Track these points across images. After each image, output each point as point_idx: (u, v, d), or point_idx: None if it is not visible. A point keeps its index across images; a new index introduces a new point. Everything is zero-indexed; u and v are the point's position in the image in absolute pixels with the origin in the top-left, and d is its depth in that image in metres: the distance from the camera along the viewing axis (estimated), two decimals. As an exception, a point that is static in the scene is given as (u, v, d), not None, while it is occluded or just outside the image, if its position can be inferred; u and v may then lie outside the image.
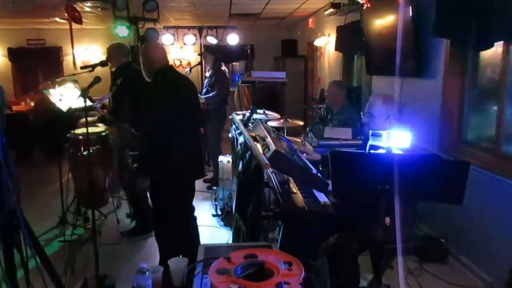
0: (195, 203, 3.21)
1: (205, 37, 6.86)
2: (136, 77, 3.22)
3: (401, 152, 1.95)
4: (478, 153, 3.31)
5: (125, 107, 3.65)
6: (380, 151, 2.07)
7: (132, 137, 3.62)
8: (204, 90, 5.40)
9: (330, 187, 2.22)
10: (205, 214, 4.49)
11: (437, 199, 2.01)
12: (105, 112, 4.00)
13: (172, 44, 7.03)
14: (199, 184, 3.29)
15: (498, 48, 3.06)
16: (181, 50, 9.61)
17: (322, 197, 2.47)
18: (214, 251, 1.76)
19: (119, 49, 3.91)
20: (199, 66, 6.34)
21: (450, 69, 3.52)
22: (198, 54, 6.72)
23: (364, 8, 4.69)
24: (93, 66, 3.65)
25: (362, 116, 2.85)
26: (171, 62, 3.29)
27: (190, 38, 7.01)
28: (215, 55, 5.45)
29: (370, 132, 2.09)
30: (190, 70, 5.73)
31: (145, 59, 2.93)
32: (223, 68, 5.49)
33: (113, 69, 3.97)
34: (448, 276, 3.18)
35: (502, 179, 2.92)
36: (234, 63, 10.38)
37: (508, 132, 3.10)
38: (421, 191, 1.93)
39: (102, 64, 3.67)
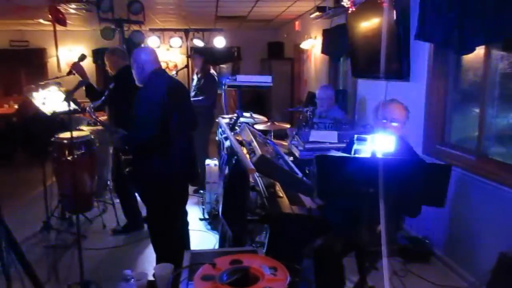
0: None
1: (191, 39, 6.83)
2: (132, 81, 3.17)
3: (386, 156, 1.97)
4: (461, 155, 3.36)
5: (121, 111, 3.62)
6: (365, 155, 2.09)
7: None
8: (193, 93, 5.36)
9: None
10: (192, 218, 4.45)
11: (420, 202, 2.05)
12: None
13: (158, 47, 6.98)
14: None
15: (479, 51, 3.12)
16: (167, 52, 9.56)
17: (308, 201, 2.49)
18: (199, 257, 1.76)
19: (114, 53, 3.88)
20: (185, 69, 6.31)
21: (434, 72, 3.57)
22: (187, 57, 6.68)
23: (349, 11, 4.73)
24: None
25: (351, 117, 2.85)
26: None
27: (176, 41, 6.97)
28: (204, 57, 5.43)
29: (355, 136, 2.11)
30: (177, 72, 5.70)
31: (135, 63, 2.89)
32: (212, 71, 5.48)
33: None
34: (432, 277, 3.23)
35: (484, 180, 2.97)
36: (221, 65, 10.37)
37: (489, 134, 3.16)
38: (405, 194, 1.95)
39: (81, 58, 3.65)
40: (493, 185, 2.87)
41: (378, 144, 2.02)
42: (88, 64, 9.65)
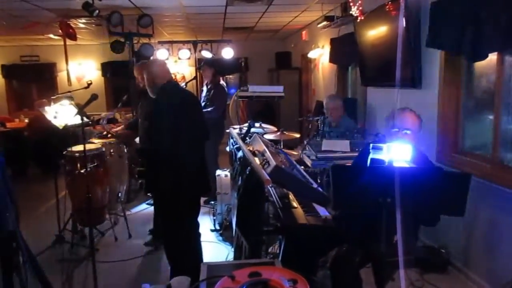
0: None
1: (199, 51, 6.88)
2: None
3: (404, 165, 1.95)
4: (476, 163, 3.32)
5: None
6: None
7: None
8: (202, 104, 5.37)
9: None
10: (203, 229, 4.43)
11: (439, 211, 2.02)
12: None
13: (167, 59, 7.03)
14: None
15: (492, 57, 3.08)
16: (176, 64, 9.62)
17: (322, 211, 2.47)
18: (217, 269, 1.74)
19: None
20: (194, 81, 6.33)
21: (446, 79, 3.54)
22: (198, 68, 6.70)
23: (358, 20, 4.74)
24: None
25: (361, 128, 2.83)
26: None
27: (184, 52, 7.02)
28: (214, 68, 5.45)
29: (371, 145, 2.09)
30: (186, 84, 5.72)
31: (147, 76, 2.97)
32: (222, 82, 5.50)
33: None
34: (450, 287, 3.17)
35: (500, 187, 2.92)
36: (228, 76, 10.42)
37: (504, 141, 3.12)
38: (423, 204, 1.93)
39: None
40: (510, 192, 2.82)
41: (394, 153, 1.99)
42: (97, 77, 9.77)
